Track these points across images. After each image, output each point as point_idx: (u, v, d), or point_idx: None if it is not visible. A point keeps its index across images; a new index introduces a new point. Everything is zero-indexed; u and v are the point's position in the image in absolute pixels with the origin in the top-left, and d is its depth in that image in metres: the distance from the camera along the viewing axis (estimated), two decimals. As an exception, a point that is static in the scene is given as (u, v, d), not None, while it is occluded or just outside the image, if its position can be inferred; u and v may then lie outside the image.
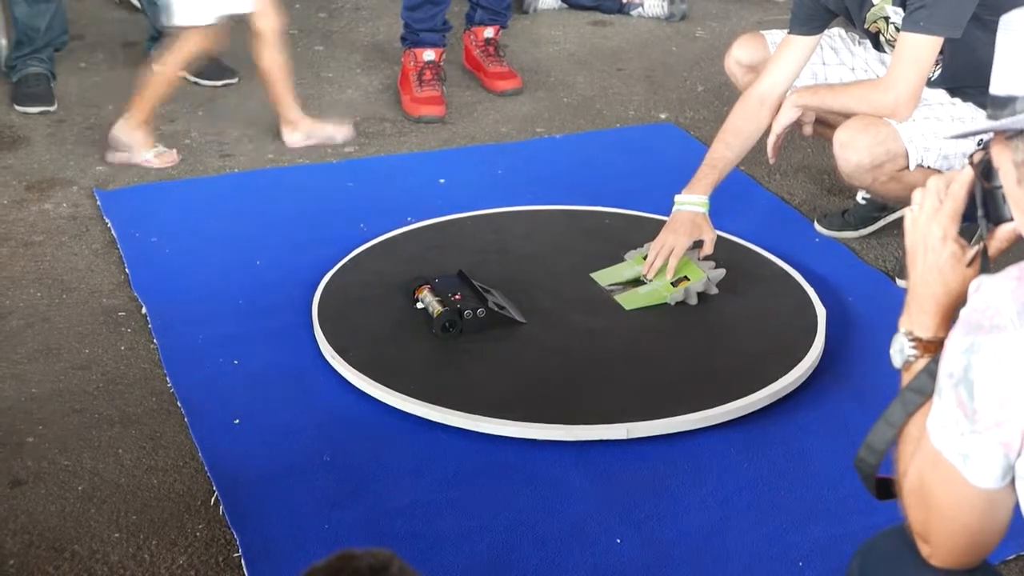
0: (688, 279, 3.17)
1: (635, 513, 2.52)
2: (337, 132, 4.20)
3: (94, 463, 2.64)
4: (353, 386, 2.87)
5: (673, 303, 3.13)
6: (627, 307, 3.13)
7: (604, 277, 3.26)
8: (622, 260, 3.32)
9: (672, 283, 3.17)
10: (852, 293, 3.32)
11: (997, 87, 1.47)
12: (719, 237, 3.47)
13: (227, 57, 4.82)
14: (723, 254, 3.40)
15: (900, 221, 2.87)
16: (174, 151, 4.04)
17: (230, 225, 3.63)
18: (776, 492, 2.59)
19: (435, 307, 3.02)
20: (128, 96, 4.03)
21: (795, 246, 3.54)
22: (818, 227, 3.69)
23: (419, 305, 3.08)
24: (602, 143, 4.29)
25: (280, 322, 3.14)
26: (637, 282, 3.22)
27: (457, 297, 3.04)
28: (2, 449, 2.68)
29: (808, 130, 3.39)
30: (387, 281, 3.26)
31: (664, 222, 3.27)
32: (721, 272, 3.21)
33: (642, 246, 3.32)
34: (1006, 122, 1.43)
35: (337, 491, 2.56)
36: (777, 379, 2.86)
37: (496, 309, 3.03)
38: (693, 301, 3.14)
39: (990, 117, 1.47)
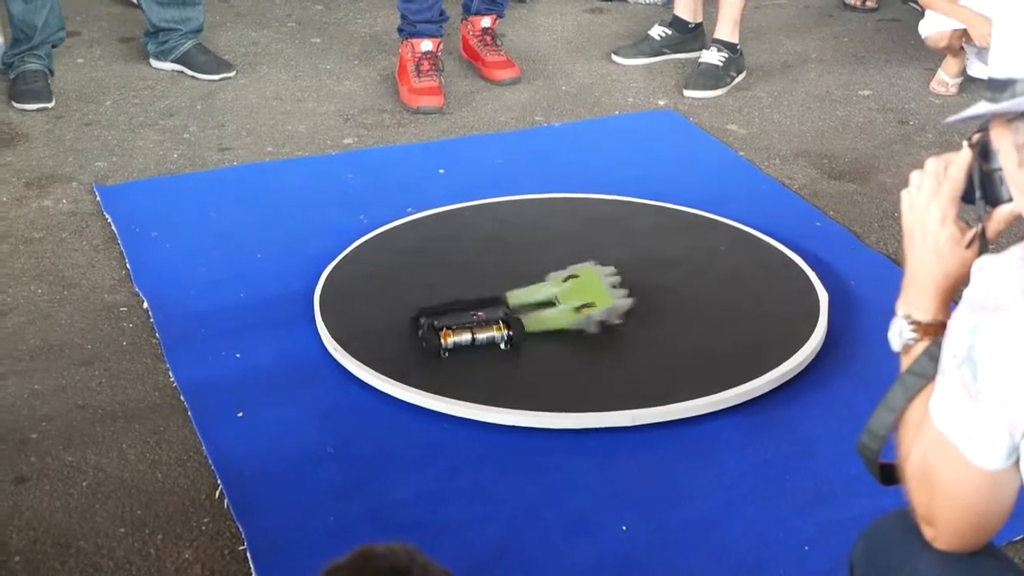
0: (593, 305, 3.03)
1: (640, 500, 2.52)
2: None
3: (98, 459, 2.64)
4: (356, 377, 2.87)
5: (572, 329, 2.99)
6: (528, 329, 2.96)
7: (516, 297, 3.08)
8: (543, 280, 3.14)
9: (576, 308, 3.01)
10: (854, 277, 3.31)
11: (996, 69, 1.46)
12: (718, 223, 3.48)
13: (224, 51, 4.84)
14: (723, 240, 3.41)
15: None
16: None
17: (230, 219, 3.63)
18: (781, 476, 2.59)
19: (486, 333, 2.92)
20: (124, 91, 4.02)
21: (796, 231, 3.53)
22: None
23: (447, 351, 2.90)
24: (601, 130, 4.29)
25: (282, 315, 3.14)
26: (547, 304, 3.06)
27: (480, 314, 2.94)
28: (5, 446, 2.68)
29: None
30: (389, 272, 3.26)
31: (664, 209, 3.22)
32: (628, 302, 3.06)
33: (565, 268, 3.17)
34: (1006, 105, 1.43)
35: (342, 483, 2.56)
36: (780, 364, 2.86)
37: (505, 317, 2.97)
38: (593, 330, 2.99)
39: (989, 100, 1.46)
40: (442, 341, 2.90)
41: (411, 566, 1.34)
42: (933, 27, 4.50)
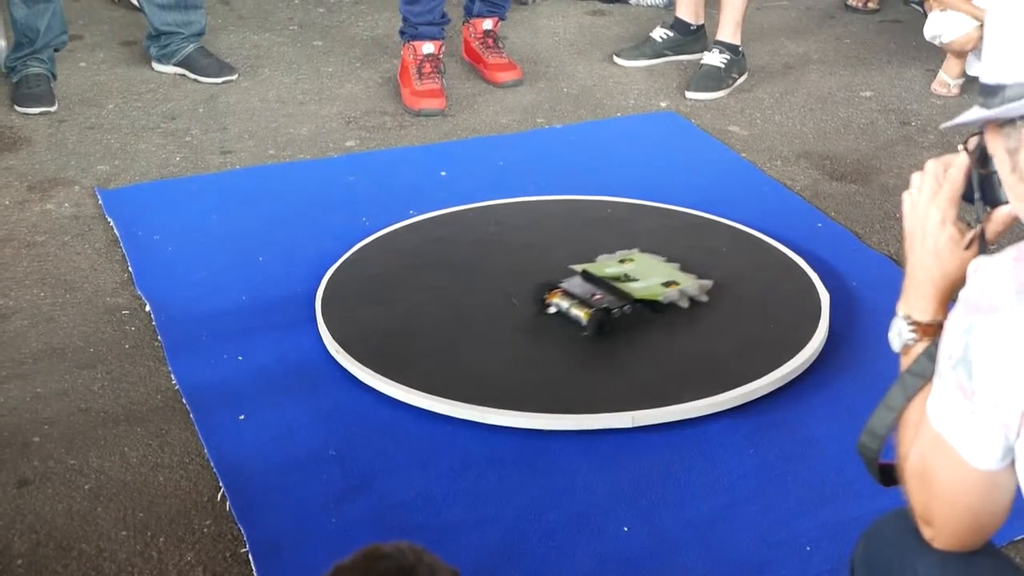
0: (677, 283, 3.11)
1: (642, 501, 2.52)
2: None
3: (100, 461, 2.64)
4: (358, 380, 2.87)
5: (665, 302, 3.05)
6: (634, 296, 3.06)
7: (596, 269, 3.17)
8: (594, 261, 3.23)
9: (663, 284, 3.10)
10: (855, 278, 3.31)
11: (986, 75, 1.47)
12: (719, 224, 3.48)
13: (225, 54, 4.84)
14: (725, 241, 3.41)
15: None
16: None
17: (232, 221, 3.63)
18: (782, 477, 2.59)
19: (579, 310, 2.97)
20: (127, 95, 4.03)
21: (797, 232, 3.53)
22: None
23: (551, 310, 3.03)
24: (603, 132, 4.29)
25: (284, 317, 3.14)
26: (618, 279, 3.12)
27: (597, 297, 3.01)
28: (8, 449, 2.68)
29: None
30: (390, 274, 3.26)
31: (665, 211, 3.23)
32: (709, 283, 3.14)
33: (614, 252, 3.26)
34: (997, 111, 1.43)
35: (344, 485, 2.56)
36: (781, 365, 2.86)
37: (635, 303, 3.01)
38: (685, 304, 3.07)
39: (981, 106, 1.47)
40: (548, 299, 3.04)
41: (417, 565, 1.33)
42: (958, 30, 4.41)
